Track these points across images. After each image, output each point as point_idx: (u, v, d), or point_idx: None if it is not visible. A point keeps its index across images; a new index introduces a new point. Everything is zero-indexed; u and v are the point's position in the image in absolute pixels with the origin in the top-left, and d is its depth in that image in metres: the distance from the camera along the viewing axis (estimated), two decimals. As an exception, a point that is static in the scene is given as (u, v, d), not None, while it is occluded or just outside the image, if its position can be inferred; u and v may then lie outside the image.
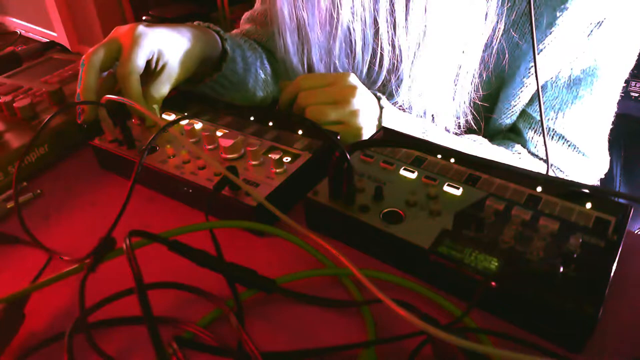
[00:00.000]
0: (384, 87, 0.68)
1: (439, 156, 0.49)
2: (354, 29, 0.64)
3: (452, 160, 0.48)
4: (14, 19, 1.24)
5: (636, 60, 0.66)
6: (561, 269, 0.35)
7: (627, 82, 1.04)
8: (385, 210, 0.43)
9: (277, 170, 0.48)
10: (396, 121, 0.62)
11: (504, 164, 0.45)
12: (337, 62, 0.68)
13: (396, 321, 0.37)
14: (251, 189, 0.43)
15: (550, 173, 0.62)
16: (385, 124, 0.60)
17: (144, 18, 2.19)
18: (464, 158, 0.47)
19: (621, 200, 0.43)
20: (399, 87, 0.65)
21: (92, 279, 0.38)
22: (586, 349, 0.35)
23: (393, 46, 0.63)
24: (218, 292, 0.40)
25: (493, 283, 0.35)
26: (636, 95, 1.12)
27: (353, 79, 0.59)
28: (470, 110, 0.66)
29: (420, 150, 0.50)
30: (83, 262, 0.39)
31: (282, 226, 0.45)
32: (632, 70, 0.67)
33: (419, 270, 0.41)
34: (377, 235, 0.41)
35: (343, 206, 0.43)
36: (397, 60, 0.64)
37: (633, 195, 0.68)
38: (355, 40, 0.65)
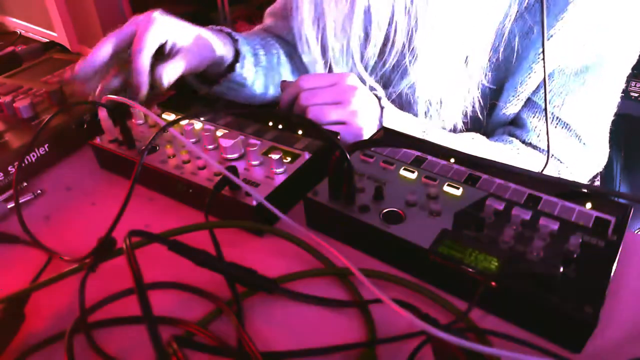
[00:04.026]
0: (394, 69, 0.68)
1: (439, 156, 0.49)
2: (370, 5, 0.65)
3: (452, 160, 0.48)
4: (14, 19, 1.24)
5: (636, 61, 0.66)
6: (561, 269, 0.35)
7: (627, 82, 1.04)
8: (385, 210, 0.43)
9: (277, 170, 0.48)
10: (397, 121, 0.62)
11: (504, 164, 0.45)
12: (351, 37, 0.69)
13: (396, 321, 0.37)
14: (251, 189, 0.43)
15: (550, 163, 0.62)
16: (385, 124, 0.60)
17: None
18: (464, 158, 0.47)
19: (621, 200, 0.43)
20: (410, 64, 0.66)
21: (92, 279, 0.38)
22: (586, 349, 0.35)
23: (408, 21, 0.64)
24: (218, 292, 0.40)
25: (493, 283, 0.35)
26: (636, 95, 1.12)
27: (354, 79, 0.59)
28: (478, 98, 0.67)
29: (420, 150, 0.50)
30: (83, 262, 0.39)
31: (282, 226, 0.45)
32: (632, 70, 0.67)
33: (419, 270, 0.41)
34: (377, 235, 0.41)
35: (343, 206, 0.43)
36: (410, 36, 0.64)
37: (633, 195, 0.68)
38: (371, 13, 0.66)
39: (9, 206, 0.52)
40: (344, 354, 0.36)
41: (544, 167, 0.61)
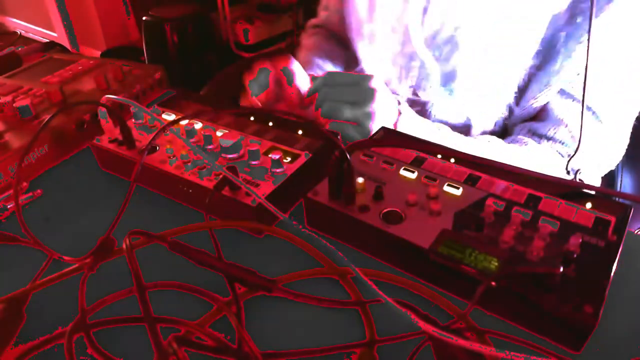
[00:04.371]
0: (446, 42, 0.69)
1: (439, 156, 0.49)
2: None
3: (452, 160, 0.48)
4: (14, 19, 1.24)
5: None
6: (561, 269, 0.35)
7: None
8: (385, 210, 0.43)
9: (277, 170, 0.48)
10: (414, 127, 0.62)
11: (504, 163, 0.45)
12: (408, 9, 0.70)
13: (396, 321, 0.37)
14: (251, 189, 0.43)
15: (566, 160, 0.62)
16: (401, 128, 0.60)
17: (144, 18, 2.19)
18: (464, 158, 0.47)
19: (621, 200, 0.43)
20: (460, 37, 0.67)
21: (92, 279, 0.38)
22: (586, 348, 0.35)
23: None
24: (218, 292, 0.40)
25: (493, 283, 0.35)
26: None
27: (376, 81, 0.60)
28: (518, 84, 0.68)
29: (420, 150, 0.50)
30: (83, 262, 0.39)
31: (282, 226, 0.45)
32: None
33: (419, 270, 0.41)
34: (377, 235, 0.41)
35: (343, 206, 0.43)
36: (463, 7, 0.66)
37: (633, 195, 0.67)
38: None
39: (9, 206, 0.52)
40: (344, 353, 0.36)
41: (574, 155, 0.61)
